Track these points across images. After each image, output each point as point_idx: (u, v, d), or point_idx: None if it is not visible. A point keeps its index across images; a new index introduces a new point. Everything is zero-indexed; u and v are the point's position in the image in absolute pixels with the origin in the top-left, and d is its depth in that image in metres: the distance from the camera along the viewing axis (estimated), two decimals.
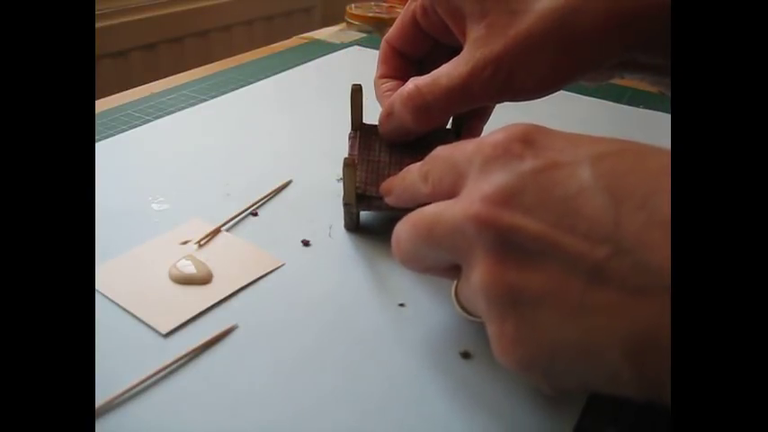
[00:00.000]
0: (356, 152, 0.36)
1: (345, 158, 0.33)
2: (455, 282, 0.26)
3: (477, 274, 0.22)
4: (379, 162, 0.36)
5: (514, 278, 0.20)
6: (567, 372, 0.21)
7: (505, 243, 0.21)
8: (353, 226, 0.36)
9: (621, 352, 0.19)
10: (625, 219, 0.19)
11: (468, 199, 0.22)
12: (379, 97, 0.37)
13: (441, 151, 0.27)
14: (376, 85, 0.38)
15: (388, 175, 0.34)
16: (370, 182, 0.35)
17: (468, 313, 0.25)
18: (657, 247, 0.18)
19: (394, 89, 0.36)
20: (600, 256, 0.19)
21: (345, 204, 0.35)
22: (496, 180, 0.22)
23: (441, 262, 0.25)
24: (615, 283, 0.19)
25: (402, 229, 0.26)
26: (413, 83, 0.33)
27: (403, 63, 0.38)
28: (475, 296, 0.22)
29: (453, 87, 0.32)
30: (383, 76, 0.38)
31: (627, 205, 0.19)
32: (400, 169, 0.33)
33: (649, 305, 0.18)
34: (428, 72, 0.34)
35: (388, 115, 0.35)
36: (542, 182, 0.21)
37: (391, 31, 0.37)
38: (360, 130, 0.37)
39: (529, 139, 0.23)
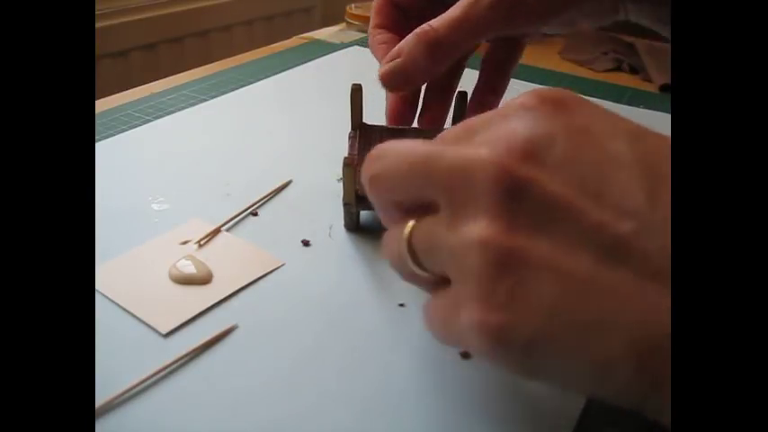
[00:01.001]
0: (356, 152, 0.36)
1: (345, 158, 0.33)
2: (408, 225, 0.22)
3: (477, 228, 0.19)
4: None
5: (522, 240, 0.18)
6: (551, 353, 0.18)
7: (520, 199, 0.18)
8: (353, 226, 0.36)
9: (625, 341, 0.17)
10: (661, 199, 0.17)
11: (484, 141, 0.20)
12: (373, 47, 0.37)
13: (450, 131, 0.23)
14: (370, 36, 0.37)
15: None
16: None
17: (418, 265, 0.22)
18: None
19: (389, 42, 0.35)
20: (623, 231, 0.17)
21: (345, 204, 0.35)
22: (522, 128, 0.19)
23: (410, 203, 0.22)
24: (634, 264, 0.17)
25: (391, 151, 0.22)
26: (423, 25, 0.33)
27: (398, 14, 0.37)
28: (463, 249, 0.19)
29: (462, 17, 0.31)
30: (378, 25, 0.37)
31: (665, 186, 0.17)
32: None
33: (669, 296, 0.16)
34: None
35: (394, 58, 0.33)
36: (574, 140, 0.19)
37: None
38: (360, 130, 0.37)
39: (563, 102, 0.20)
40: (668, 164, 0.18)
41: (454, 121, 0.37)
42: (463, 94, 0.36)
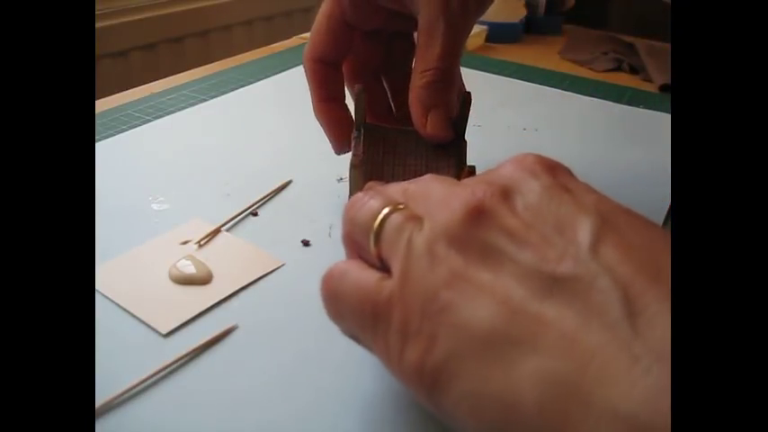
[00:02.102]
0: (361, 153, 0.36)
1: (352, 159, 0.33)
2: (388, 208, 0.22)
3: (436, 245, 0.20)
4: (383, 163, 0.35)
5: (470, 266, 0.19)
6: (461, 375, 0.18)
7: (478, 224, 0.20)
8: None
9: (534, 369, 0.17)
10: (603, 249, 0.18)
11: (478, 180, 0.22)
12: (329, 125, 0.37)
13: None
14: (320, 112, 0.38)
15: (392, 176, 0.34)
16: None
17: (376, 245, 0.22)
18: (627, 281, 0.17)
19: (342, 118, 0.37)
20: (560, 270, 0.18)
21: None
22: (508, 176, 0.21)
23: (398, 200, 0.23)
24: (566, 304, 0.17)
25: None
26: (420, 77, 0.33)
27: (338, 77, 0.38)
28: (417, 257, 0.20)
29: (448, 34, 0.32)
30: (323, 98, 0.37)
31: (608, 241, 0.18)
32: (404, 169, 0.33)
33: (595, 337, 0.16)
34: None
35: (422, 116, 0.33)
36: (548, 193, 0.20)
37: (316, 46, 0.36)
38: (363, 130, 0.37)
39: (554, 169, 0.22)
40: (622, 229, 0.19)
41: (458, 122, 0.36)
42: (467, 96, 0.36)
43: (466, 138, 0.36)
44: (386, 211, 0.22)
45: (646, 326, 0.16)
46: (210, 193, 0.40)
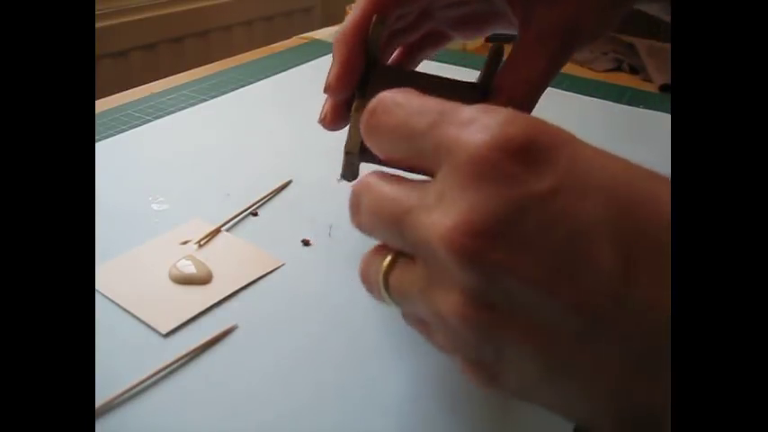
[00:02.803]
0: (365, 96, 0.31)
1: (356, 103, 0.30)
2: (386, 259, 0.21)
3: (454, 304, 0.18)
4: None
5: (501, 315, 0.18)
6: (539, 402, 0.20)
7: (494, 282, 0.18)
8: (353, 177, 0.31)
9: (604, 409, 0.18)
10: (635, 274, 0.17)
11: (447, 215, 0.18)
12: (345, 54, 0.33)
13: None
14: (349, 36, 0.34)
15: None
16: None
17: (393, 301, 0.22)
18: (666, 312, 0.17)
19: (360, 59, 0.33)
20: (599, 310, 0.17)
21: (347, 153, 0.30)
22: (486, 202, 0.17)
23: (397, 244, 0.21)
24: (614, 345, 0.17)
25: (365, 204, 0.22)
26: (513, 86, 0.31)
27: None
28: (443, 318, 0.19)
29: (560, 51, 0.31)
30: (362, 27, 0.34)
31: (640, 260, 0.17)
32: None
33: (651, 378, 0.17)
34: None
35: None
36: (546, 212, 0.17)
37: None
38: (375, 70, 0.32)
39: (528, 157, 0.18)
40: (640, 226, 0.18)
41: (484, 78, 0.31)
42: (498, 49, 0.30)
43: None
44: (384, 267, 0.21)
45: None
46: (210, 193, 0.40)
